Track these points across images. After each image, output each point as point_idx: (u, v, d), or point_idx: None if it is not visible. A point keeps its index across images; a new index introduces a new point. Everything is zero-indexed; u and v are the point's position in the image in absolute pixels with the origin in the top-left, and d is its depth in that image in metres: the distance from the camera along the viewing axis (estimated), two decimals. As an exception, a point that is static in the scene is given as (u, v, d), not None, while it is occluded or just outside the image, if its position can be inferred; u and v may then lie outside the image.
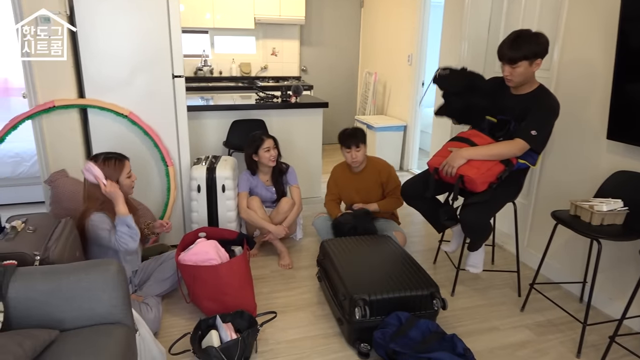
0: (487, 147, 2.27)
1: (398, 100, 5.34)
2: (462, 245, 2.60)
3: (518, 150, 2.23)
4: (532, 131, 2.19)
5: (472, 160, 2.25)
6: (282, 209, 2.97)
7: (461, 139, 2.40)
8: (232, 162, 3.01)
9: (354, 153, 2.91)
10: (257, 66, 5.79)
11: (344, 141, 2.93)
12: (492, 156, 2.25)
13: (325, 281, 2.51)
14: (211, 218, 2.89)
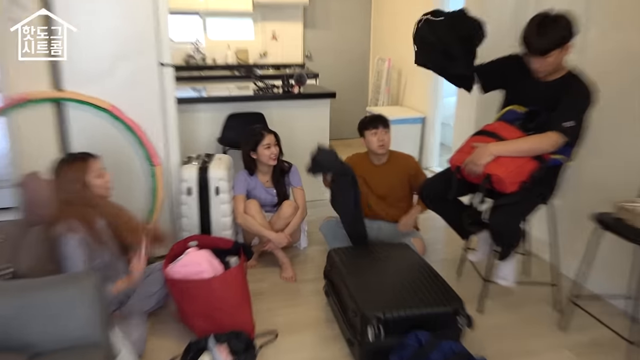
0: (516, 142, 2.23)
1: (415, 89, 5.30)
2: (490, 253, 2.54)
3: (551, 144, 2.19)
4: (566, 122, 2.15)
5: (500, 157, 2.22)
6: (284, 214, 2.94)
7: (487, 132, 2.36)
8: (227, 161, 2.99)
9: (382, 134, 2.90)
10: (255, 53, 5.79)
11: (369, 122, 2.92)
12: (522, 152, 2.21)
13: (333, 296, 2.48)
14: (203, 225, 2.88)
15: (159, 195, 2.87)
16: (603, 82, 2.58)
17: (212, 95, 3.85)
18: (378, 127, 2.90)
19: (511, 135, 2.29)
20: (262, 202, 3.04)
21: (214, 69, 5.50)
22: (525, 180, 2.23)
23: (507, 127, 2.34)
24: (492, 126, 2.41)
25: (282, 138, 3.05)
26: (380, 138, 2.90)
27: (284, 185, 3.09)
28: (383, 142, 2.90)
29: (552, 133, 2.18)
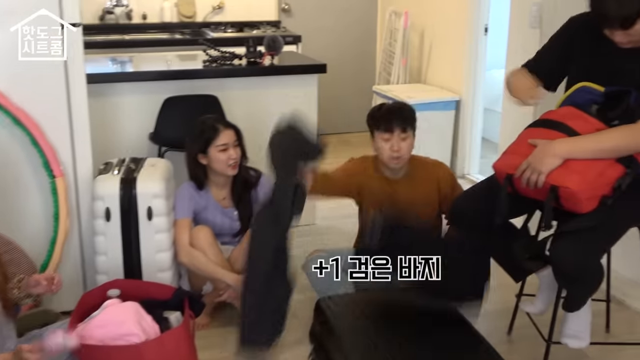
0: (594, 137, 2.27)
1: (445, 59, 5.36)
2: (555, 302, 2.58)
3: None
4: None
5: (570, 161, 2.25)
6: (250, 247, 2.97)
7: (550, 122, 2.40)
8: (165, 169, 3.01)
9: (397, 142, 2.85)
10: (205, 5, 5.82)
11: (382, 120, 2.90)
12: (603, 151, 2.26)
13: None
14: (129, 264, 2.88)
15: (63, 222, 2.86)
16: None
17: (141, 70, 3.87)
18: (393, 129, 2.84)
19: (586, 127, 2.33)
20: (217, 229, 3.06)
21: (144, 30, 5.49)
22: (608, 194, 2.27)
23: (579, 114, 2.38)
24: (556, 113, 2.45)
25: (246, 134, 3.08)
26: (396, 147, 2.85)
27: (250, 203, 3.11)
28: (400, 152, 2.86)
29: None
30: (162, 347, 2.24)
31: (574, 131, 2.32)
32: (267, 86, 3.94)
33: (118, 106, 3.67)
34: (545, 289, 2.67)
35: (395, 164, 2.92)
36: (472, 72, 5.05)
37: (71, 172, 2.90)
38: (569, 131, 2.32)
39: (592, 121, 2.34)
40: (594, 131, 2.30)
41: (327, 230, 4.08)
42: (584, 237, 2.29)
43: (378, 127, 2.90)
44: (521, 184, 2.33)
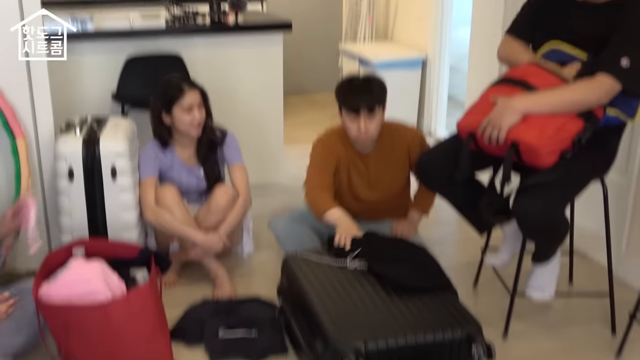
0: (552, 92, 2.30)
1: (411, 18, 5.35)
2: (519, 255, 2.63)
3: (603, 93, 2.26)
4: (623, 59, 2.22)
5: (530, 117, 2.28)
6: (216, 205, 2.97)
7: (512, 80, 2.43)
8: (128, 128, 2.99)
9: (364, 123, 2.80)
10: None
11: (348, 100, 2.83)
12: (562, 106, 2.28)
13: (293, 323, 2.53)
14: (94, 224, 2.88)
15: (25, 183, 2.83)
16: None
17: (103, 29, 3.80)
18: (360, 110, 2.78)
19: (545, 83, 2.36)
20: (183, 187, 3.05)
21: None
22: (568, 149, 2.30)
23: (539, 71, 2.41)
24: (517, 71, 2.48)
25: (212, 93, 3.06)
26: (362, 128, 2.81)
27: (216, 162, 3.11)
28: (365, 133, 2.83)
29: (603, 76, 2.25)
30: (129, 305, 2.24)
31: (534, 87, 2.35)
32: (231, 45, 3.92)
33: (80, 65, 3.64)
34: (509, 241, 2.72)
35: (363, 142, 2.92)
36: (438, 29, 5.05)
37: (32, 131, 2.87)
38: (530, 88, 2.35)
39: (550, 77, 2.37)
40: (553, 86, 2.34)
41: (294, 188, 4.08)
42: (546, 190, 2.33)
43: (344, 105, 2.85)
44: (483, 141, 2.36)
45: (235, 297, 2.92)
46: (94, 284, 2.25)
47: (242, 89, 3.97)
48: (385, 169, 3.02)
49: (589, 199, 2.69)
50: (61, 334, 2.25)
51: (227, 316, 2.70)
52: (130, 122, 3.11)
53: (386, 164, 3.02)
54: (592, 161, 2.45)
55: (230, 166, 3.12)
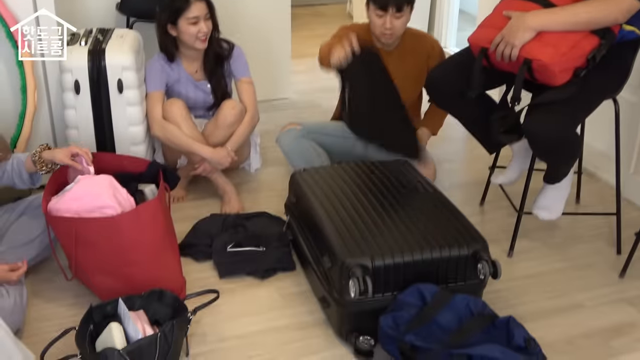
0: (570, 11, 2.24)
1: None
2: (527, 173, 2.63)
3: (621, 11, 2.21)
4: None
5: (544, 34, 2.24)
6: (224, 120, 2.95)
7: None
8: (134, 40, 2.95)
9: (390, 20, 2.83)
10: None
11: None
12: (578, 23, 2.23)
13: (300, 238, 2.56)
14: (101, 138, 2.88)
15: (31, 96, 2.81)
16: None
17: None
18: (388, 7, 2.80)
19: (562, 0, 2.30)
20: (190, 102, 3.03)
21: None
22: (581, 66, 2.27)
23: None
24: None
25: (218, 5, 2.99)
26: (389, 25, 2.84)
27: (223, 76, 3.07)
28: (392, 30, 2.86)
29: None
30: (138, 218, 2.25)
31: (549, 2, 2.29)
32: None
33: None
34: (517, 158, 2.72)
35: (387, 39, 2.92)
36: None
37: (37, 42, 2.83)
38: (543, 2, 2.30)
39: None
40: (570, 2, 2.28)
41: (301, 104, 4.06)
42: (558, 108, 2.31)
43: (373, 1, 2.85)
44: (496, 57, 2.32)
45: (243, 213, 2.94)
46: (103, 198, 2.25)
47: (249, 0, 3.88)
48: (404, 70, 3.01)
49: (599, 118, 2.65)
50: (71, 247, 2.27)
51: (235, 232, 2.73)
52: (135, 33, 3.06)
53: (405, 66, 3.01)
54: (606, 79, 2.41)
55: (237, 81, 3.08)
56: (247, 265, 2.57)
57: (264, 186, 3.22)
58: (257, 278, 2.53)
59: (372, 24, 2.90)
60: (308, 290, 2.48)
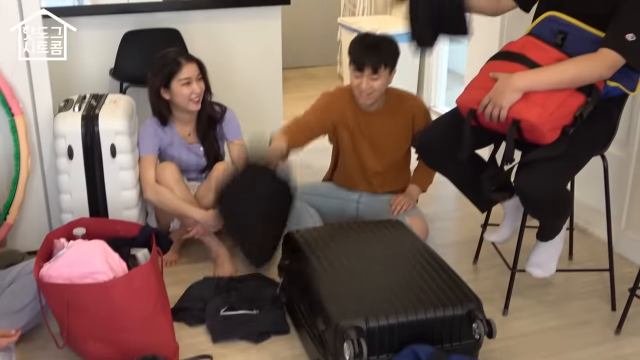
0: (555, 70, 2.27)
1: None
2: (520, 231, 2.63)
3: (607, 69, 2.23)
4: (628, 34, 2.20)
5: (531, 94, 2.26)
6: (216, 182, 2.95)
7: (510, 55, 2.40)
8: (127, 105, 2.97)
9: (366, 81, 2.85)
10: None
11: (354, 55, 2.88)
12: (564, 82, 2.26)
13: (294, 300, 2.53)
14: (94, 202, 2.87)
15: (24, 162, 2.82)
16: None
17: (100, 3, 3.77)
18: (364, 68, 2.84)
19: (545, 57, 2.32)
20: (183, 165, 3.04)
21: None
22: (569, 124, 2.29)
23: (538, 43, 2.38)
24: (516, 44, 2.44)
25: (210, 67, 3.03)
26: (364, 86, 2.85)
27: (215, 139, 3.09)
28: (369, 91, 2.87)
29: (606, 51, 2.22)
30: (131, 284, 2.24)
31: (534, 62, 2.32)
32: (229, 19, 3.88)
33: (77, 41, 3.58)
34: (509, 217, 2.72)
35: (364, 100, 2.93)
36: (437, 2, 5.00)
37: (31, 109, 2.86)
38: (528, 63, 2.32)
39: (551, 50, 2.35)
40: (554, 61, 2.31)
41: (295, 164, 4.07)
42: (548, 166, 2.32)
43: (351, 60, 2.89)
44: (484, 118, 2.34)
45: (236, 276, 2.92)
46: (95, 264, 2.24)
47: (241, 63, 3.94)
48: (388, 131, 3.03)
49: (589, 174, 2.67)
50: (63, 314, 2.25)
51: (228, 295, 2.70)
52: (128, 98, 3.09)
53: (390, 126, 3.03)
54: (594, 136, 2.44)
55: (229, 143, 3.10)
56: (240, 329, 2.53)
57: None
58: (251, 342, 2.50)
59: (352, 85, 2.93)
60: (303, 354, 2.45)
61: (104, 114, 2.84)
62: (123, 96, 3.11)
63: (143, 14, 3.68)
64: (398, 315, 2.14)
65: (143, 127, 3.00)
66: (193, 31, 3.75)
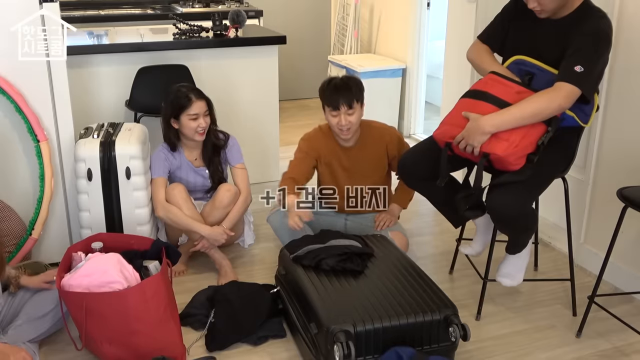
0: (517, 108, 2.28)
1: (392, 32, 5.34)
2: (490, 244, 2.65)
3: (563, 99, 2.25)
4: (577, 67, 2.23)
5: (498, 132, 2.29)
6: (220, 202, 2.96)
7: (477, 93, 2.42)
8: (140, 133, 2.97)
9: (344, 117, 2.84)
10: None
11: (329, 97, 2.86)
12: (526, 118, 2.27)
13: (289, 306, 2.54)
14: (111, 220, 2.87)
15: (48, 183, 2.82)
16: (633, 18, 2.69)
17: (117, 42, 3.79)
18: (340, 107, 2.82)
19: (507, 92, 2.34)
20: (190, 186, 3.04)
21: (119, 6, 5.37)
22: (533, 152, 2.31)
23: (499, 80, 2.40)
24: (480, 83, 2.47)
25: (215, 99, 3.05)
26: (343, 122, 2.85)
27: (220, 163, 3.10)
28: (347, 126, 2.86)
29: (562, 84, 2.25)
30: (143, 292, 2.24)
31: (498, 98, 2.34)
32: (232, 56, 3.90)
33: (96, 75, 3.62)
34: (481, 233, 2.74)
35: (345, 135, 2.93)
36: (416, 42, 5.06)
37: (54, 136, 2.86)
38: (492, 99, 2.34)
39: (512, 85, 2.37)
40: (515, 94, 2.33)
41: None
42: (515, 187, 2.34)
43: (326, 103, 2.88)
44: (459, 149, 2.38)
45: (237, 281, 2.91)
46: (111, 274, 2.25)
47: (242, 95, 3.96)
48: (364, 162, 3.02)
49: (552, 194, 2.69)
50: (82, 320, 2.25)
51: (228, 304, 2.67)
52: (142, 126, 3.09)
53: (365, 158, 3.02)
54: (555, 161, 2.46)
55: (232, 167, 3.11)
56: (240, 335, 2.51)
57: (257, 260, 3.21)
58: (251, 344, 2.49)
59: (330, 124, 2.92)
60: (297, 355, 2.45)
61: (120, 140, 2.85)
62: (137, 125, 3.12)
63: (155, 52, 3.70)
64: (383, 320, 2.15)
65: (155, 152, 3.01)
66: (200, 67, 3.78)
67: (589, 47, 2.25)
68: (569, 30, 2.30)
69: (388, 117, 5.08)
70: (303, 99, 6.37)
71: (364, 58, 5.39)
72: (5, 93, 2.68)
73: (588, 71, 2.23)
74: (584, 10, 2.32)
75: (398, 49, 5.25)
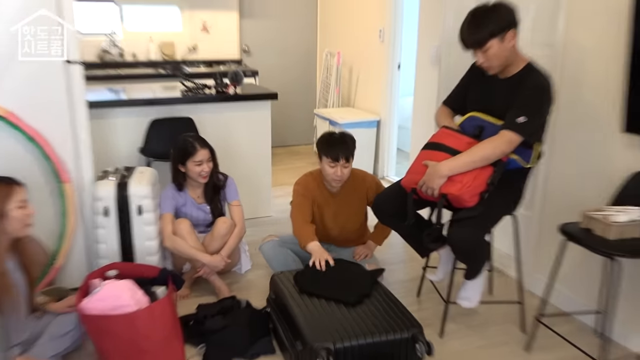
0: (468, 154, 2.35)
1: (368, 89, 5.44)
2: (451, 271, 2.67)
3: (506, 145, 2.30)
4: (519, 118, 2.28)
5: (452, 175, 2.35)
6: (218, 233, 2.97)
7: (434, 145, 2.48)
8: (151, 175, 3.00)
9: (341, 169, 2.85)
10: (183, 47, 5.77)
11: (330, 150, 2.84)
12: (476, 162, 2.33)
13: (278, 326, 2.53)
14: (125, 251, 2.87)
15: (70, 218, 2.82)
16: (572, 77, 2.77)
17: (132, 98, 3.82)
18: (339, 159, 2.82)
19: (458, 142, 2.42)
20: (194, 220, 3.06)
21: (134, 67, 5.44)
22: (484, 190, 2.36)
23: (451, 133, 2.48)
24: (436, 136, 2.54)
25: (216, 146, 3.08)
26: (339, 173, 2.85)
27: (219, 200, 3.12)
28: (341, 177, 2.87)
29: (505, 132, 2.30)
30: (151, 314, 2.24)
31: (450, 147, 2.41)
32: (231, 110, 3.94)
33: (114, 126, 3.64)
34: (443, 262, 2.76)
35: (337, 184, 2.95)
36: (388, 98, 5.15)
37: (76, 178, 2.87)
38: (447, 149, 2.41)
39: (461, 137, 2.44)
40: (465, 144, 2.40)
41: (281, 220, 4.09)
42: (471, 222, 2.38)
43: (326, 155, 2.86)
44: (422, 193, 2.43)
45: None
46: (124, 299, 2.25)
47: (239, 142, 4.00)
48: (348, 206, 3.04)
49: (505, 229, 2.74)
50: (97, 338, 2.25)
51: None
52: (153, 170, 3.11)
53: (349, 202, 3.04)
54: (505, 199, 2.50)
55: (229, 203, 3.13)
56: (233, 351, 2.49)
57: (252, 285, 3.20)
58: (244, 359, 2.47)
59: (325, 173, 2.89)
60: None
61: (133, 182, 2.86)
62: (148, 169, 3.13)
63: (165, 106, 3.74)
64: (359, 338, 2.15)
65: (164, 191, 3.02)
66: (204, 119, 3.81)
67: (530, 99, 2.30)
68: (516, 87, 2.36)
69: (365, 161, 5.14)
70: (292, 145, 6.42)
71: (345, 111, 5.47)
72: (34, 141, 2.70)
73: (530, 122, 2.28)
74: (529, 69, 2.37)
75: (373, 104, 5.35)
